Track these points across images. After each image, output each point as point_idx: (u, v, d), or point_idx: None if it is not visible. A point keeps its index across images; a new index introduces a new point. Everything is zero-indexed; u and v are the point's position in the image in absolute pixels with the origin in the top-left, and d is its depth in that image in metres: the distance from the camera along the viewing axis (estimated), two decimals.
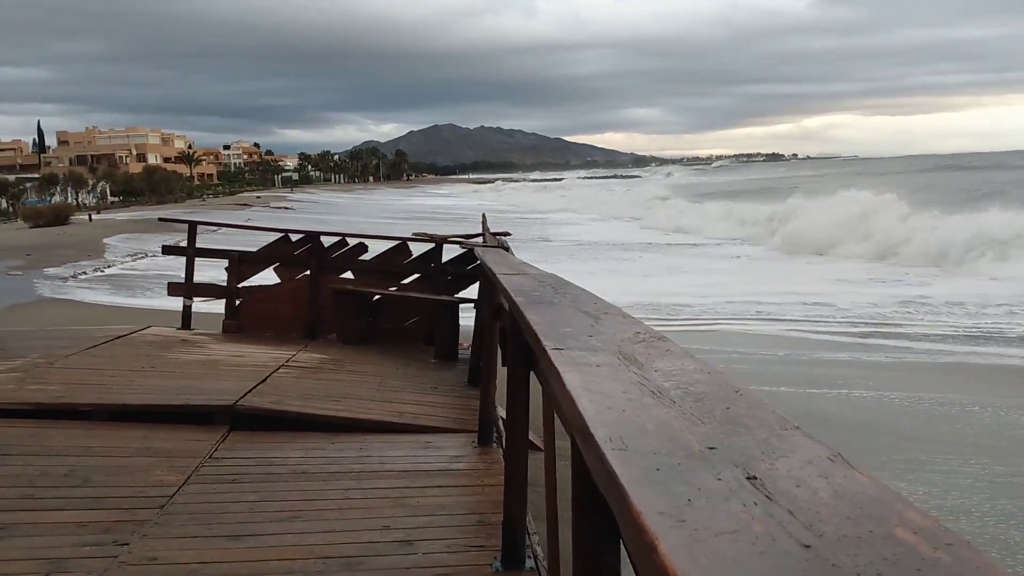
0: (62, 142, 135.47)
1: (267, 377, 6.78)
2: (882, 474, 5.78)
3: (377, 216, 53.33)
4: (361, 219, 48.46)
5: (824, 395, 8.69)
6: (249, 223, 18.20)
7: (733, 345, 11.46)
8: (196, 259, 9.69)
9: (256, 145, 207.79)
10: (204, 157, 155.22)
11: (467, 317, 8.60)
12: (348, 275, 9.55)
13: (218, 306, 9.87)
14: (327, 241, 9.68)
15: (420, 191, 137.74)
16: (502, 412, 5.19)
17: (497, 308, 4.44)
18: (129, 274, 21.03)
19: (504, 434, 4.84)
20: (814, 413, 7.67)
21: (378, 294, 9.31)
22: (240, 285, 9.55)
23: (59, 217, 45.64)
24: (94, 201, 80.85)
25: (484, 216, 10.20)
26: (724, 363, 9.41)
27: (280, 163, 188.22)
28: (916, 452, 6.89)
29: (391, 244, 9.77)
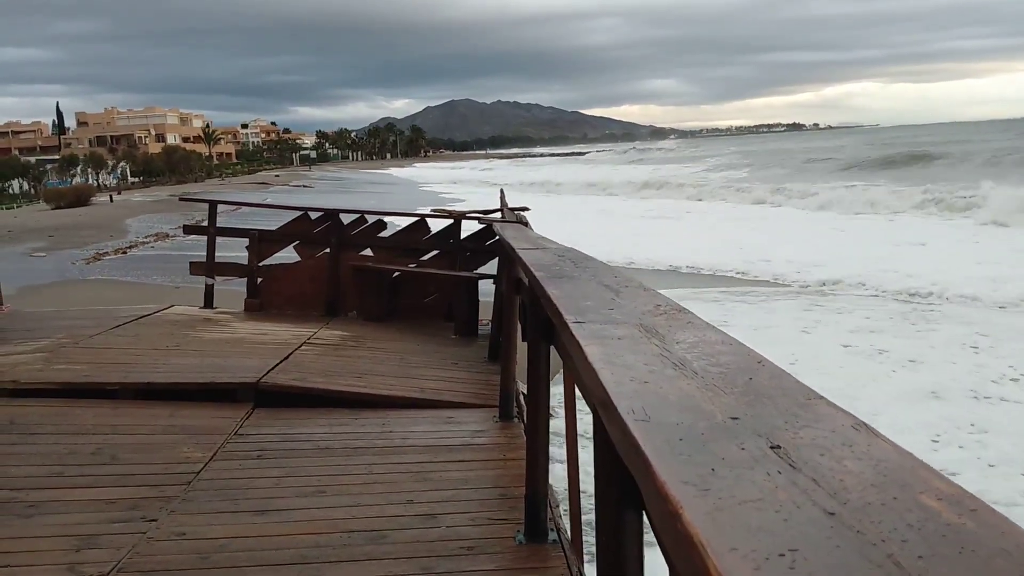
0: (81, 123, 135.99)
1: (290, 354, 6.83)
2: None
3: None
4: None
5: None
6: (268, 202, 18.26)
7: None
8: (217, 238, 9.74)
9: (273, 124, 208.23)
10: (222, 136, 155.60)
11: (486, 293, 8.60)
12: (368, 252, 9.58)
13: (240, 285, 9.93)
14: (346, 219, 9.70)
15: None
16: (523, 387, 5.21)
17: (516, 283, 4.44)
18: (151, 254, 21.18)
19: (525, 408, 4.85)
20: None
21: (397, 271, 9.33)
22: (261, 263, 9.60)
23: (80, 198, 45.92)
24: (114, 182, 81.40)
25: (502, 191, 10.17)
26: None
27: (298, 141, 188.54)
28: None
29: (410, 221, 9.79)
